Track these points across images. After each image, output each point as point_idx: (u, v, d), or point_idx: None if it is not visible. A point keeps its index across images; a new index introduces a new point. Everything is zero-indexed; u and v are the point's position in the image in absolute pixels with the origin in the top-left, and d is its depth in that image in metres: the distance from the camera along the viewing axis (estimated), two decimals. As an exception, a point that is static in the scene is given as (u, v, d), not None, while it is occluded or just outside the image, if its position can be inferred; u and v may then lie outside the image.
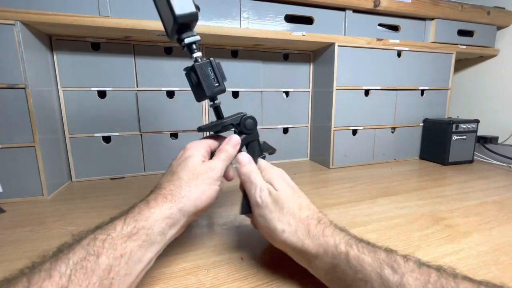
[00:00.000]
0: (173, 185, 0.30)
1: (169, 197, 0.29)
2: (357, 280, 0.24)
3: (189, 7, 0.28)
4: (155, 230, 0.26)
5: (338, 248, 0.26)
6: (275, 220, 0.30)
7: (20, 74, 0.53)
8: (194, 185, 0.30)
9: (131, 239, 0.24)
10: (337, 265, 0.25)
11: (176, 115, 0.75)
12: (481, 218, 0.47)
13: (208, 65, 0.31)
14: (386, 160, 0.89)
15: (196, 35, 0.31)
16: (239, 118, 0.36)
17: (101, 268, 0.22)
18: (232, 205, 0.53)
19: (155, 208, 0.27)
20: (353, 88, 0.80)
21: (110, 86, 0.69)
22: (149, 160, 0.75)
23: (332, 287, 0.26)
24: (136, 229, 0.25)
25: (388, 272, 0.22)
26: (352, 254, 0.25)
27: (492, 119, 0.97)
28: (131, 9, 0.60)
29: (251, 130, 0.36)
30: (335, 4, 0.74)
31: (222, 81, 0.31)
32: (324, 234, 0.28)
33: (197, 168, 0.31)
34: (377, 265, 0.23)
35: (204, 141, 0.35)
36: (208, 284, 0.30)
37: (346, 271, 0.25)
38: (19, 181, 0.56)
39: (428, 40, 0.88)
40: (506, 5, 0.93)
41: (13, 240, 0.41)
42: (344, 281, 0.25)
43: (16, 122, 0.54)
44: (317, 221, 0.29)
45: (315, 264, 0.28)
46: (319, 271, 0.28)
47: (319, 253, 0.27)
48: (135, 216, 0.26)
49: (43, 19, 0.53)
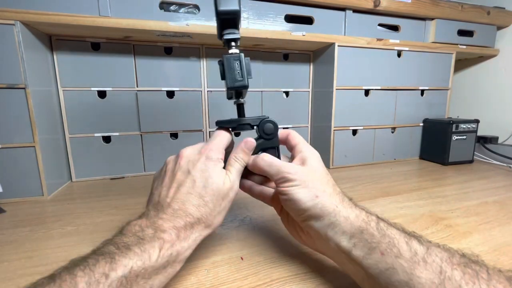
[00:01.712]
0: (200, 214, 0.28)
1: (196, 227, 0.28)
2: (383, 243, 0.24)
3: (232, 4, 0.29)
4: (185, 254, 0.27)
5: (369, 217, 0.27)
6: (311, 184, 0.29)
7: (20, 74, 0.53)
8: (217, 213, 0.30)
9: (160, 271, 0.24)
10: (365, 229, 0.26)
11: (176, 115, 0.75)
12: (481, 218, 0.47)
13: (236, 59, 0.31)
14: (386, 160, 0.89)
15: (237, 32, 0.31)
16: (258, 120, 0.34)
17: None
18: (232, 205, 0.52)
19: (186, 240, 0.27)
20: (353, 88, 0.80)
21: (110, 86, 0.69)
22: (149, 160, 0.75)
23: (354, 253, 0.26)
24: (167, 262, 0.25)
25: (415, 242, 0.24)
26: (382, 223, 0.26)
27: (492, 119, 0.97)
28: (131, 9, 0.60)
29: (271, 136, 0.34)
30: (335, 4, 0.74)
31: (246, 77, 0.31)
32: (356, 207, 0.29)
33: (221, 190, 0.30)
34: (405, 235, 0.25)
35: (219, 141, 0.32)
36: (208, 284, 0.30)
37: (373, 234, 0.25)
38: (19, 181, 0.56)
39: (428, 40, 0.88)
40: (506, 5, 0.93)
41: (13, 240, 0.40)
42: (370, 243, 0.25)
43: (16, 122, 0.54)
44: (348, 199, 0.30)
45: (341, 228, 0.27)
46: (342, 237, 0.27)
47: (349, 217, 0.27)
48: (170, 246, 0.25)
49: (43, 19, 0.53)
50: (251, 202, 0.54)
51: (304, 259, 0.35)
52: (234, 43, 0.32)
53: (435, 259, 0.22)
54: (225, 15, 0.29)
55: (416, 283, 0.21)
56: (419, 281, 0.21)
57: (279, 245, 0.38)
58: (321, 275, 0.32)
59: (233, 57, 0.31)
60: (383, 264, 0.23)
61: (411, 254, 0.23)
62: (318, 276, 0.31)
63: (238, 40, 0.32)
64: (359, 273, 0.26)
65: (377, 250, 0.24)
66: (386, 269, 0.23)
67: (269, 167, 0.31)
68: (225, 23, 0.31)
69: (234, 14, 0.29)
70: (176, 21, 0.62)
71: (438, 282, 0.21)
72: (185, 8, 0.65)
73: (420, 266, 0.22)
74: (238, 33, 0.32)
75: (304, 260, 0.34)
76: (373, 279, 0.24)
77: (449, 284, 0.20)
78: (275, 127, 0.34)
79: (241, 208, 0.51)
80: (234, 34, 0.31)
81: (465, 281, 0.20)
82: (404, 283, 0.22)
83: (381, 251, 0.24)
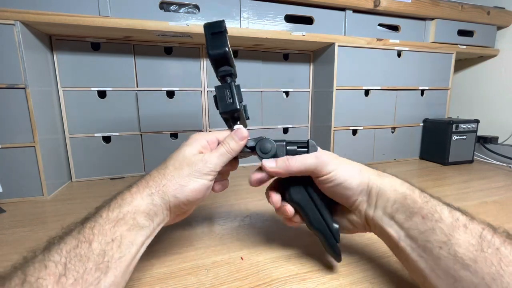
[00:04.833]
0: (158, 173, 0.29)
1: (151, 183, 0.28)
2: (425, 209, 0.25)
3: (221, 47, 0.33)
4: (140, 214, 0.26)
5: (412, 186, 0.28)
6: (347, 163, 0.31)
7: (20, 74, 0.53)
8: (177, 175, 0.29)
9: (119, 224, 0.25)
10: (409, 195, 0.27)
11: (176, 115, 0.75)
12: (481, 218, 0.47)
13: (226, 87, 0.34)
14: (386, 160, 0.89)
15: (229, 69, 0.34)
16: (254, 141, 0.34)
17: (95, 254, 0.22)
18: (232, 205, 0.53)
19: (136, 194, 0.27)
20: (353, 88, 0.80)
21: (110, 86, 0.69)
22: (149, 160, 0.75)
23: (396, 216, 0.27)
24: (122, 214, 0.25)
25: (458, 212, 0.25)
26: (426, 193, 0.27)
27: (492, 119, 0.97)
28: (131, 9, 0.60)
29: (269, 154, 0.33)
30: (335, 4, 0.74)
31: (236, 101, 0.33)
32: (397, 177, 0.30)
33: (187, 158, 0.30)
34: (448, 206, 0.26)
35: (212, 133, 0.33)
36: (208, 284, 0.30)
37: (416, 200, 0.26)
38: (19, 181, 0.56)
39: (428, 40, 0.88)
40: (506, 5, 0.93)
41: (13, 240, 0.41)
42: (412, 208, 0.26)
43: (16, 122, 0.54)
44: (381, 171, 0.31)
45: (387, 195, 0.28)
46: (388, 202, 0.28)
47: (394, 184, 0.28)
48: (118, 201, 0.26)
49: (43, 19, 0.53)
50: (251, 202, 0.54)
51: (304, 259, 0.35)
52: (230, 78, 0.34)
53: (476, 226, 0.23)
54: (216, 56, 0.33)
55: (454, 243, 0.22)
56: (457, 241, 0.22)
57: (279, 245, 0.38)
58: (321, 275, 0.32)
59: (223, 86, 0.34)
60: (423, 226, 0.25)
61: (452, 219, 0.24)
62: (318, 276, 0.31)
63: (232, 74, 0.34)
64: (398, 234, 0.27)
65: (419, 214, 0.25)
66: (425, 230, 0.24)
67: (305, 160, 0.30)
68: (218, 63, 0.34)
69: (224, 55, 0.33)
70: (176, 21, 0.62)
71: (476, 243, 0.21)
72: (185, 8, 0.65)
73: (460, 230, 0.23)
74: (231, 69, 0.34)
75: (304, 260, 0.34)
76: (411, 239, 0.25)
77: (486, 246, 0.21)
78: (271, 145, 0.33)
79: (241, 208, 0.51)
80: (227, 70, 0.34)
81: (505, 247, 0.21)
82: (442, 242, 0.23)
83: (422, 215, 0.25)
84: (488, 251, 0.21)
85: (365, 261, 0.34)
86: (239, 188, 0.61)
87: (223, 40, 0.33)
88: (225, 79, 0.34)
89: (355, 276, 0.31)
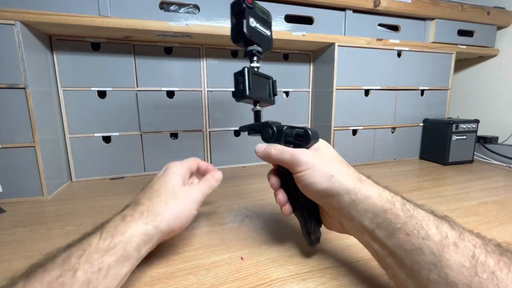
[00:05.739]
0: (151, 202, 0.31)
1: (146, 213, 0.29)
2: (409, 224, 0.23)
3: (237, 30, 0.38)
4: (131, 245, 0.26)
5: (394, 197, 0.26)
6: (324, 166, 0.29)
7: (20, 74, 0.53)
8: (171, 206, 0.31)
9: (108, 253, 0.24)
10: (389, 209, 0.25)
11: (176, 115, 0.75)
12: (481, 218, 0.47)
13: (239, 74, 0.36)
14: (386, 160, 0.89)
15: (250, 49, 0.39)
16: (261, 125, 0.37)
17: (80, 281, 0.22)
18: (232, 205, 0.53)
19: (131, 223, 0.28)
20: (353, 88, 0.80)
21: (110, 86, 0.69)
22: (149, 160, 0.75)
23: (377, 232, 0.25)
24: (114, 244, 0.25)
25: (446, 225, 0.22)
26: (408, 204, 0.25)
27: (492, 119, 0.97)
28: (131, 9, 0.60)
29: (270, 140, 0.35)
30: (335, 4, 0.74)
31: (246, 88, 0.36)
32: (378, 185, 0.28)
33: (177, 189, 0.33)
34: (435, 218, 0.23)
35: (185, 162, 0.38)
36: (208, 284, 0.30)
37: (398, 214, 0.24)
38: (19, 181, 0.56)
39: (428, 40, 0.88)
40: (506, 5, 0.93)
41: (13, 240, 0.40)
42: (394, 224, 0.24)
43: (16, 122, 0.54)
44: (366, 177, 0.29)
45: (363, 206, 0.26)
46: (365, 215, 0.26)
47: (371, 196, 0.26)
48: (111, 231, 0.26)
49: (43, 19, 0.53)
50: (251, 202, 0.54)
51: (304, 259, 0.35)
52: (255, 56, 0.39)
53: (467, 244, 0.21)
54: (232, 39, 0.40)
55: (444, 265, 0.20)
56: (447, 263, 0.20)
57: (279, 245, 0.38)
58: (321, 275, 0.32)
59: (239, 72, 0.37)
60: (409, 245, 0.22)
61: (441, 237, 0.21)
62: (318, 276, 0.31)
63: (253, 55, 0.39)
64: (381, 251, 0.25)
65: (402, 230, 0.23)
66: (411, 250, 0.22)
67: (281, 154, 0.32)
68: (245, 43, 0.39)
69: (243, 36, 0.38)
70: (176, 21, 0.62)
71: (469, 266, 0.19)
72: (185, 8, 0.65)
73: (450, 249, 0.20)
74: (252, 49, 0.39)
75: (304, 260, 0.34)
76: (396, 258, 0.23)
77: (481, 269, 0.19)
78: (272, 131, 0.35)
79: (241, 208, 0.51)
80: (247, 51, 0.39)
81: (499, 268, 0.19)
82: (431, 263, 0.21)
83: (406, 232, 0.23)
84: (483, 276, 0.19)
85: (365, 261, 0.34)
86: (239, 188, 0.61)
87: (241, 21, 0.37)
88: (251, 59, 0.39)
89: (355, 276, 0.31)
